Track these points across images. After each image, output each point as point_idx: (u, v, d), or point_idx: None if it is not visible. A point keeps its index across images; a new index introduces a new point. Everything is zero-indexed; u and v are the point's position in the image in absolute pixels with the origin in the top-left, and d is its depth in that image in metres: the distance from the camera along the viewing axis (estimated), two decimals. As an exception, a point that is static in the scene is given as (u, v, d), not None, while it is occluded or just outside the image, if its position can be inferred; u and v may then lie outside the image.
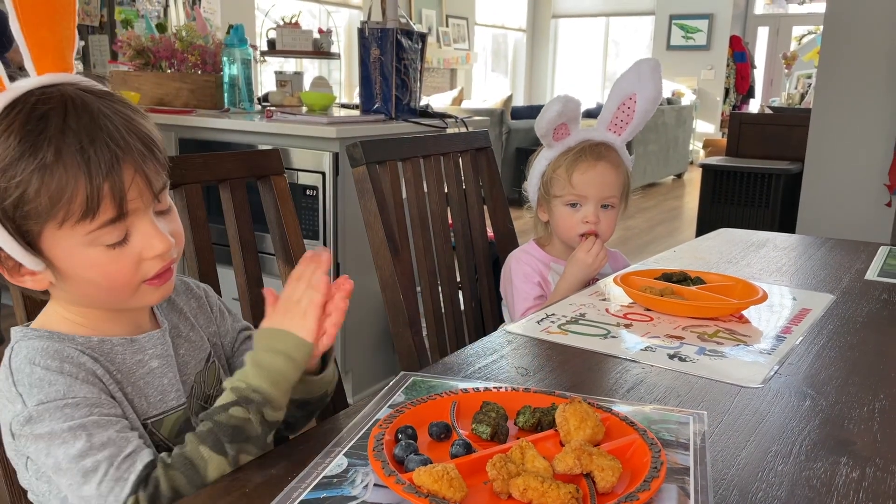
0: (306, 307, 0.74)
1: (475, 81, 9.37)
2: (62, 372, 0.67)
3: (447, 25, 8.51)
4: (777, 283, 1.34)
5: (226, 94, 2.82)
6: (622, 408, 0.76)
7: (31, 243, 0.66)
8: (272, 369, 0.71)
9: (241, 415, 0.69)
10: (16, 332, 0.73)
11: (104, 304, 0.73)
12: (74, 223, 0.64)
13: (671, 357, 0.96)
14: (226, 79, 2.81)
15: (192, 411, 0.78)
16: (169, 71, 2.92)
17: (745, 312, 1.15)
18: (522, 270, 1.44)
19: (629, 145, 1.47)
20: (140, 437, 0.69)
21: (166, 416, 0.76)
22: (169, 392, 0.77)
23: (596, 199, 1.38)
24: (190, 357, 0.81)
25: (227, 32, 2.84)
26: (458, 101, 7.23)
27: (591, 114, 4.38)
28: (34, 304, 0.81)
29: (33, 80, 0.66)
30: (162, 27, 3.36)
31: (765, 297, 1.14)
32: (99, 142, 0.64)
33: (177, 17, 4.94)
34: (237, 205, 1.10)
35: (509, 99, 6.74)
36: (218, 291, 0.98)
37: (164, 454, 0.68)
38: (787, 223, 3.82)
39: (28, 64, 0.66)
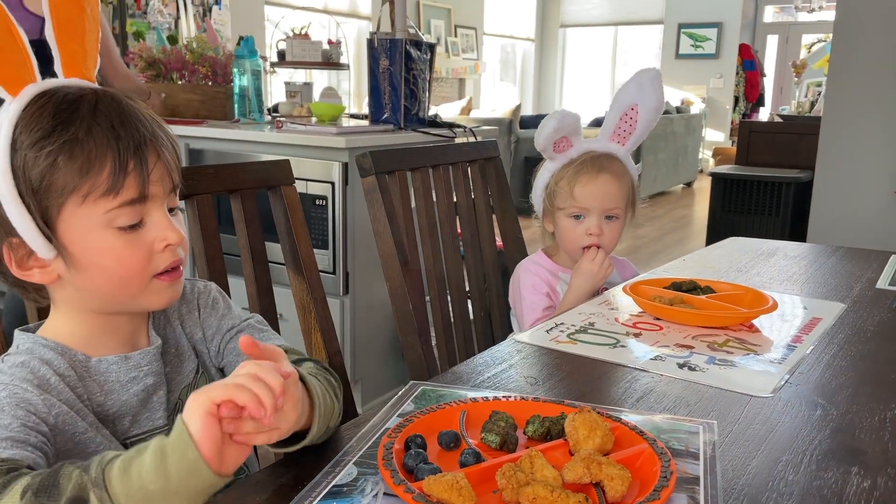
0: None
1: (484, 91, 9.39)
2: (11, 407, 0.63)
3: (456, 35, 8.54)
4: (787, 291, 1.34)
5: (236, 105, 2.84)
6: (632, 417, 0.76)
7: (48, 224, 0.66)
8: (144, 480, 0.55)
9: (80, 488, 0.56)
10: (19, 336, 0.73)
11: (111, 302, 0.72)
12: (97, 198, 0.65)
13: (681, 366, 0.96)
14: (236, 90, 2.83)
15: None
16: (180, 82, 2.95)
17: (755, 321, 1.14)
18: (531, 281, 1.44)
19: (637, 154, 1.47)
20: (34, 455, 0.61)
21: (150, 435, 0.75)
22: (157, 410, 0.76)
23: (598, 211, 1.38)
24: (176, 372, 0.80)
25: (238, 44, 2.87)
26: (466, 110, 7.25)
27: (600, 123, 4.38)
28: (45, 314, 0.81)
29: (62, 79, 0.69)
30: (173, 39, 3.39)
31: (775, 306, 1.14)
32: (128, 124, 0.67)
33: (188, 28, 4.98)
34: (248, 215, 1.11)
35: (518, 108, 6.75)
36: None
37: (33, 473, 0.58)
38: (797, 232, 3.81)
39: (57, 67, 0.69)
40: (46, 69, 0.69)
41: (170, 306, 0.79)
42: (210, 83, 2.94)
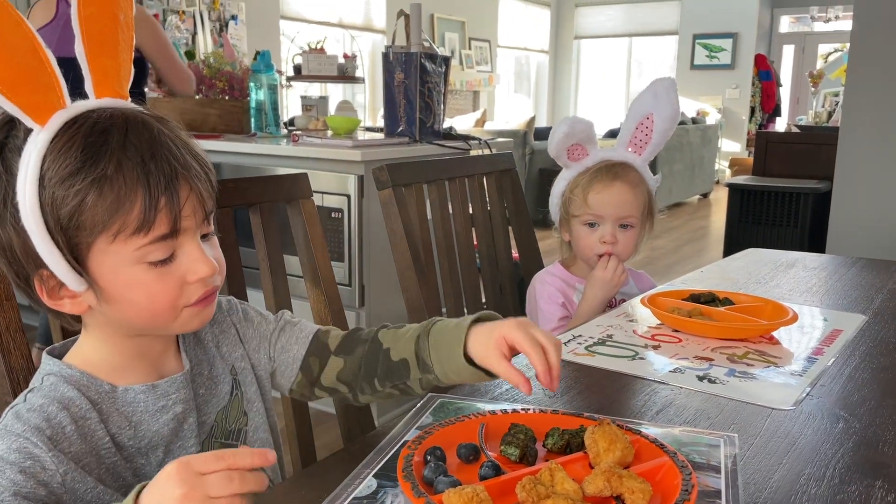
0: None
1: (498, 103, 9.42)
2: (19, 464, 0.62)
3: (470, 48, 8.58)
4: (807, 303, 1.33)
5: (253, 119, 2.86)
6: (651, 430, 0.76)
7: (77, 259, 0.64)
8: None
9: None
10: (46, 362, 0.72)
11: (143, 330, 0.71)
12: (128, 236, 0.63)
13: (700, 379, 0.95)
14: (253, 104, 2.85)
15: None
16: (197, 97, 2.98)
17: (775, 333, 1.13)
18: (546, 292, 1.44)
19: (653, 165, 1.47)
20: None
21: None
22: (189, 438, 0.74)
23: (613, 219, 1.38)
24: (211, 395, 0.78)
25: (254, 58, 2.90)
26: (481, 122, 7.27)
27: (615, 134, 4.38)
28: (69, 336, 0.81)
29: (92, 101, 0.66)
30: (190, 54, 3.43)
31: (795, 318, 1.13)
32: (159, 157, 0.64)
33: (205, 44, 5.04)
34: (267, 228, 1.11)
35: (532, 120, 6.75)
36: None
37: None
38: (816, 242, 3.77)
39: (88, 87, 0.67)
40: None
41: (202, 328, 0.77)
42: (227, 97, 2.97)
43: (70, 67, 0.66)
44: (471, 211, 1.55)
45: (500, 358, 0.72)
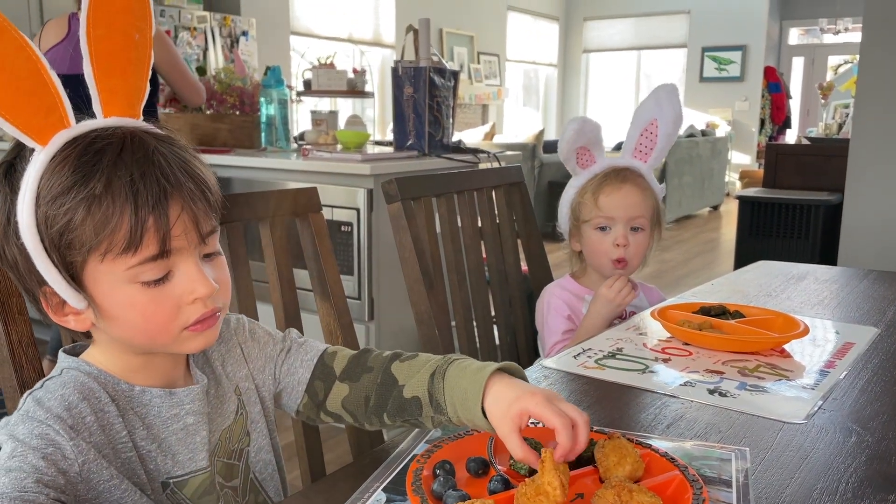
0: None
1: (507, 116, 9.44)
2: (41, 449, 0.62)
3: (479, 62, 8.61)
4: (819, 316, 1.32)
5: (263, 134, 2.89)
6: (662, 444, 0.75)
7: (74, 277, 0.65)
8: None
9: None
10: (64, 359, 0.72)
11: (144, 349, 0.71)
12: (116, 256, 0.63)
13: (711, 392, 0.94)
14: (263, 119, 2.88)
15: (216, 469, 0.76)
16: (208, 112, 3.01)
17: (786, 347, 1.13)
18: (553, 304, 1.44)
19: (662, 177, 1.47)
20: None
21: (192, 476, 0.73)
22: (199, 451, 0.74)
23: (624, 221, 1.38)
24: (217, 413, 0.78)
25: (265, 74, 2.93)
26: (490, 136, 7.28)
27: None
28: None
29: (98, 121, 0.66)
30: (202, 70, 3.47)
31: (806, 331, 1.12)
32: (149, 176, 0.63)
33: (216, 59, 5.09)
34: (276, 242, 1.12)
35: (541, 133, 6.76)
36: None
37: None
38: (827, 255, 3.75)
39: (96, 106, 0.67)
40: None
41: (208, 348, 0.77)
42: (237, 112, 2.99)
43: (80, 85, 0.67)
44: (480, 224, 1.55)
45: (514, 433, 0.67)
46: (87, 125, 0.65)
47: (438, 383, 0.75)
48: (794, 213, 3.90)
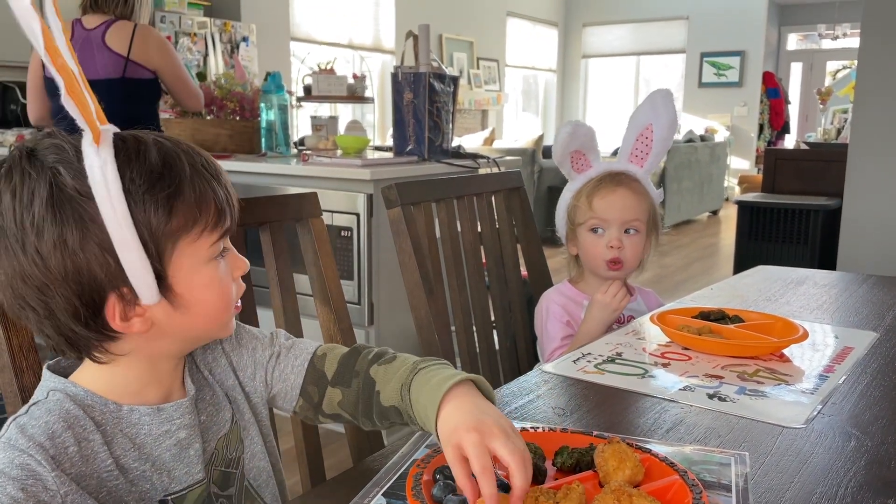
0: None
1: (506, 122, 9.46)
2: (21, 480, 0.60)
3: (478, 68, 8.63)
4: (818, 320, 1.32)
5: (263, 139, 2.89)
6: (661, 448, 0.75)
7: (160, 269, 0.66)
8: None
9: None
10: (49, 379, 0.70)
11: (196, 341, 0.75)
12: (211, 229, 0.68)
13: (710, 397, 0.94)
14: (263, 124, 2.88)
15: (211, 479, 0.75)
16: (209, 117, 3.01)
17: (785, 351, 1.13)
18: (552, 310, 1.45)
19: (661, 182, 1.48)
20: None
21: (190, 490, 0.73)
22: (195, 464, 0.73)
23: (618, 223, 1.39)
24: (212, 422, 0.77)
25: (265, 79, 2.93)
26: (489, 141, 7.30)
27: (624, 152, 4.37)
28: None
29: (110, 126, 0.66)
30: (202, 75, 3.47)
31: (806, 336, 1.12)
32: (209, 163, 0.70)
33: (216, 65, 5.10)
34: (277, 247, 1.12)
35: (540, 138, 6.77)
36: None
37: None
38: (826, 260, 3.75)
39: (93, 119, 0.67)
40: (126, 106, 0.70)
41: (196, 350, 0.79)
42: (238, 118, 3.00)
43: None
44: (479, 229, 1.56)
45: (456, 461, 0.63)
46: (108, 128, 0.64)
47: (405, 396, 0.74)
48: (792, 217, 3.90)
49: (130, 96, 2.55)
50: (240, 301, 0.76)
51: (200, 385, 0.77)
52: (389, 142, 2.76)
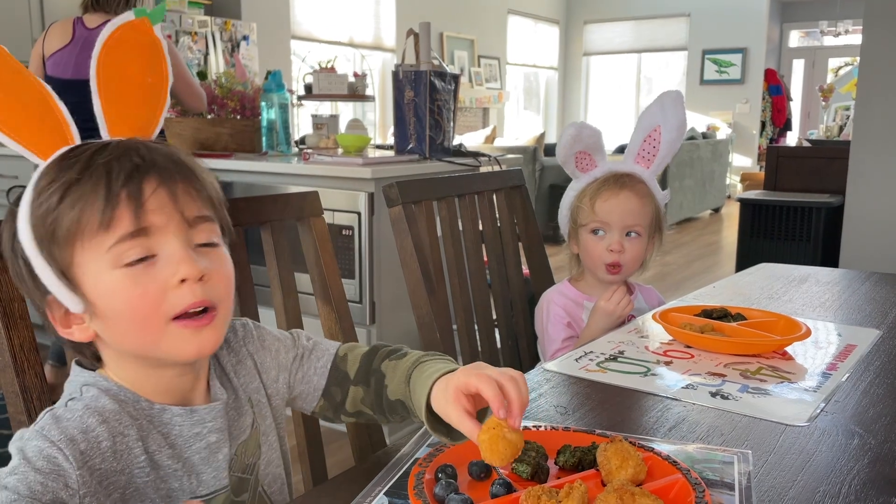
0: None
1: (507, 120, 9.45)
2: (43, 472, 0.60)
3: (479, 66, 8.62)
4: (821, 318, 1.32)
5: (264, 138, 2.89)
6: (664, 447, 0.75)
7: (67, 275, 0.65)
8: None
9: None
10: (81, 374, 0.70)
11: (140, 353, 0.68)
12: (94, 234, 0.63)
13: (713, 395, 0.94)
14: (264, 123, 2.88)
15: (231, 485, 0.74)
16: (209, 116, 3.01)
17: (788, 349, 1.12)
18: (553, 312, 1.44)
19: (663, 181, 1.47)
20: None
21: (215, 496, 0.72)
22: (222, 470, 0.72)
23: (619, 227, 1.38)
24: (234, 427, 0.76)
25: (266, 78, 2.93)
26: (490, 139, 7.29)
27: (624, 150, 4.36)
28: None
29: (102, 141, 0.68)
30: (202, 74, 3.47)
31: (808, 333, 1.12)
32: (125, 158, 0.64)
33: (216, 64, 5.09)
34: (278, 246, 1.12)
35: (542, 136, 6.76)
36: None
37: None
38: (829, 257, 3.74)
39: (102, 131, 0.70)
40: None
41: (205, 355, 0.71)
42: (238, 117, 3.00)
43: (85, 89, 0.68)
44: (481, 227, 1.55)
45: (455, 408, 0.67)
46: (88, 142, 0.67)
47: (406, 389, 0.76)
48: (795, 215, 3.89)
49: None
50: (214, 312, 0.67)
51: (224, 388, 0.76)
52: (390, 140, 2.76)
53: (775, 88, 9.17)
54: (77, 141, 0.68)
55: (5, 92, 0.65)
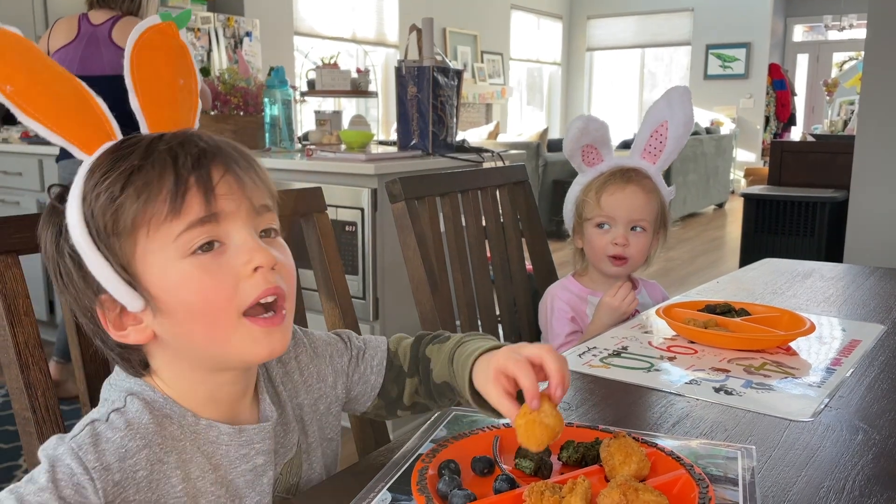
0: None
1: (511, 115, 9.43)
2: (65, 498, 0.57)
3: (482, 61, 8.61)
4: (825, 313, 1.31)
5: (267, 134, 2.89)
6: (668, 442, 0.75)
7: (127, 270, 0.61)
8: None
9: None
10: (126, 380, 0.67)
11: (206, 354, 0.65)
12: (161, 222, 0.59)
13: (717, 390, 0.94)
14: (267, 119, 2.88)
15: None
16: (213, 113, 3.01)
17: (792, 344, 1.12)
18: (557, 307, 1.44)
19: (667, 177, 1.47)
20: None
21: None
22: (266, 494, 0.69)
23: (625, 221, 1.38)
24: (280, 446, 0.72)
25: (269, 74, 2.93)
26: (493, 135, 7.28)
27: (628, 145, 4.35)
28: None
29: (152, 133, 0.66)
30: (206, 71, 3.47)
31: (812, 329, 1.12)
32: (189, 143, 0.62)
33: (219, 60, 5.10)
34: (280, 242, 1.12)
35: (545, 132, 6.75)
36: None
37: None
38: (833, 252, 3.74)
39: (144, 129, 0.68)
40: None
41: (275, 356, 0.68)
42: (242, 113, 3.00)
43: (92, 85, 0.67)
44: (484, 223, 1.55)
45: (494, 389, 0.67)
46: (137, 134, 0.65)
47: (450, 369, 0.75)
48: (799, 210, 3.89)
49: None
50: (271, 305, 0.64)
51: (272, 402, 0.73)
52: (393, 136, 2.75)
53: (779, 83, 9.14)
54: (119, 136, 0.65)
55: (42, 86, 0.63)
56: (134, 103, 0.67)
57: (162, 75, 0.70)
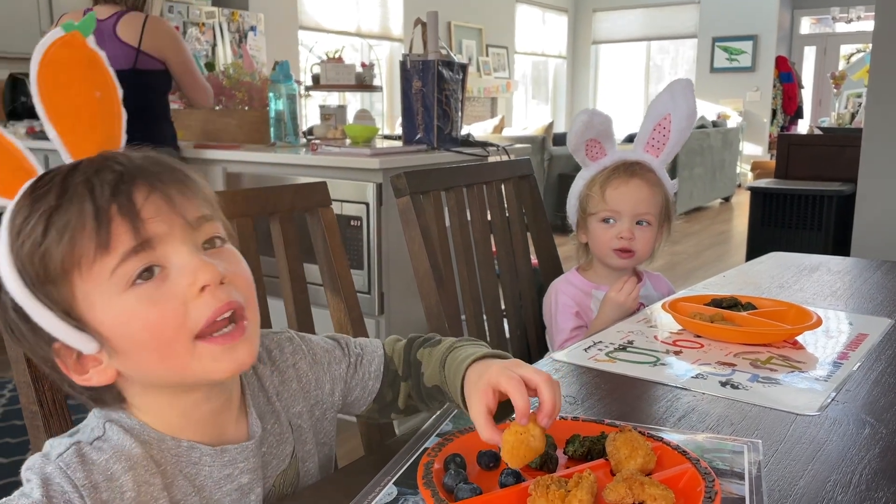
0: None
1: (516, 109, 9.42)
2: None
3: (487, 55, 8.59)
4: (832, 307, 1.31)
5: (272, 129, 2.89)
6: (674, 436, 0.75)
7: (71, 315, 0.58)
8: None
9: None
10: (101, 416, 0.64)
11: (169, 382, 0.63)
12: (93, 260, 0.56)
13: (723, 384, 0.94)
14: (272, 114, 2.88)
15: None
16: (217, 108, 3.01)
17: (799, 338, 1.12)
18: (561, 301, 1.44)
19: (673, 169, 1.47)
20: None
21: None
22: None
23: (630, 215, 1.38)
24: (272, 456, 0.71)
25: (273, 69, 2.92)
26: (499, 129, 7.26)
27: (633, 139, 4.33)
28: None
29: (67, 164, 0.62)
30: (210, 66, 3.47)
31: (819, 322, 1.12)
32: (103, 170, 0.58)
33: (224, 55, 5.10)
34: (287, 237, 1.12)
35: (550, 126, 6.74)
36: (268, 324, 0.96)
37: None
38: (840, 246, 3.72)
39: (66, 158, 0.62)
40: (136, 97, 0.63)
41: (243, 370, 0.66)
42: (246, 108, 3.00)
43: None
44: (489, 217, 1.55)
45: (479, 401, 0.66)
46: (53, 168, 0.61)
47: (442, 373, 0.76)
48: (806, 203, 3.87)
49: (141, 87, 2.54)
50: (231, 317, 0.61)
51: (263, 413, 0.71)
52: (398, 130, 2.75)
53: (786, 76, 9.09)
54: (39, 170, 0.60)
55: None
56: (50, 133, 0.62)
57: (76, 94, 0.64)
